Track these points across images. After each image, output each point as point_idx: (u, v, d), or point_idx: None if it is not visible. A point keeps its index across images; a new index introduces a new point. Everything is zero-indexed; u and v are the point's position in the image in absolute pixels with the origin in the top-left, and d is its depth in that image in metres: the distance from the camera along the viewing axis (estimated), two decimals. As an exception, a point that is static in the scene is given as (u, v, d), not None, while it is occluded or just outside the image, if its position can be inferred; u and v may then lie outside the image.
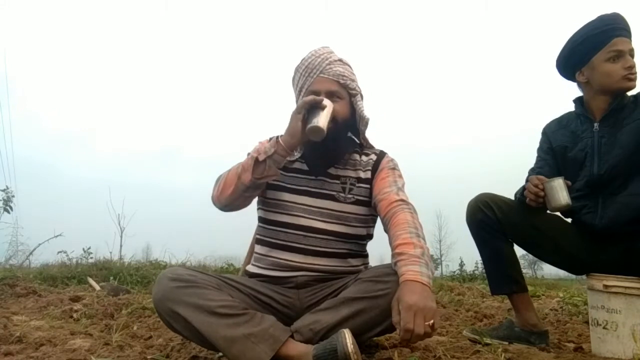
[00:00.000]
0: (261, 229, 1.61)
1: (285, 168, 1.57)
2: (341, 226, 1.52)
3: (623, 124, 1.65)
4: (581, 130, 1.74)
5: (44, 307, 2.59)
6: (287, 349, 1.27)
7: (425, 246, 1.32)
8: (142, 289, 3.73)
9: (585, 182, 1.68)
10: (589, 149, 1.70)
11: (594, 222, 1.67)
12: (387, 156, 1.62)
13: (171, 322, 1.33)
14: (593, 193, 1.68)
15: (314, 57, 1.54)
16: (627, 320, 1.47)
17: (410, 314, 1.13)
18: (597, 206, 1.67)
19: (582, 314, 2.57)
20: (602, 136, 1.68)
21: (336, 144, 1.52)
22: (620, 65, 1.63)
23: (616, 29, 1.64)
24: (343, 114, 1.53)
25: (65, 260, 5.79)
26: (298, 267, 1.48)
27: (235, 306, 1.31)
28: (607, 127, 1.68)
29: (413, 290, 1.18)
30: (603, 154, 1.66)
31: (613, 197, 1.64)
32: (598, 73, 1.66)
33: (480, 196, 1.78)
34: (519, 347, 1.62)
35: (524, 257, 25.19)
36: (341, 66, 1.55)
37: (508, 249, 1.77)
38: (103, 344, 1.62)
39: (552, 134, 1.84)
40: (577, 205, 1.72)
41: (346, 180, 1.55)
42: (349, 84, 1.54)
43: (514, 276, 1.76)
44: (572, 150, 1.75)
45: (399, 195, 1.46)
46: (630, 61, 1.64)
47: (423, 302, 1.15)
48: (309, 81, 1.53)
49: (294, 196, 1.54)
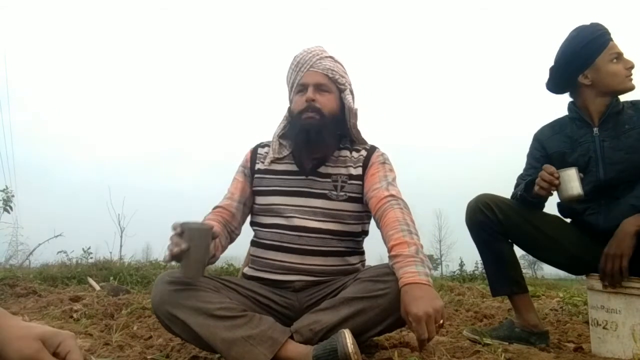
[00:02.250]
0: (256, 232, 1.61)
1: (274, 171, 1.59)
2: (336, 224, 1.52)
3: (625, 128, 1.67)
4: (579, 134, 1.74)
5: (44, 307, 2.59)
6: (287, 351, 1.27)
7: (418, 242, 1.31)
8: (142, 289, 3.73)
9: (591, 187, 1.66)
10: (592, 153, 1.69)
11: (598, 223, 1.67)
12: (378, 150, 1.62)
13: (170, 326, 1.33)
14: (598, 196, 1.68)
15: (305, 53, 1.57)
16: (627, 320, 1.47)
17: (422, 325, 1.13)
18: (601, 208, 1.68)
19: (582, 314, 2.57)
20: (604, 140, 1.68)
21: (320, 136, 1.52)
22: (622, 66, 1.68)
23: (608, 34, 1.71)
24: (330, 108, 1.54)
25: (65, 260, 5.79)
26: (295, 268, 1.48)
27: (234, 308, 1.31)
28: (607, 131, 1.69)
29: (415, 296, 1.18)
30: (607, 158, 1.66)
31: (618, 200, 1.65)
32: (603, 73, 1.69)
33: (481, 197, 1.78)
34: (519, 347, 1.62)
35: (524, 258, 25.15)
36: (331, 62, 1.58)
37: (508, 250, 1.77)
38: (103, 344, 1.62)
39: (547, 140, 1.84)
40: (580, 207, 1.72)
41: (337, 178, 1.55)
42: (338, 79, 1.56)
43: (515, 277, 1.76)
44: (571, 155, 1.74)
45: (388, 191, 1.45)
46: (631, 62, 1.69)
47: (429, 307, 1.15)
48: (300, 76, 1.55)
49: (285, 198, 1.54)
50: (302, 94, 1.56)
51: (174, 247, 1.20)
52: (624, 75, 1.68)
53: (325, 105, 1.53)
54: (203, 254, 1.24)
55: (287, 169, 1.59)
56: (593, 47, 1.70)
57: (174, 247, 1.20)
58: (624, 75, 1.68)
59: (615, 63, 1.68)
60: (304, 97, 1.53)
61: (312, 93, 1.53)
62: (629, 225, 1.52)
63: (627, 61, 1.69)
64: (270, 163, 1.60)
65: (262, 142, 1.70)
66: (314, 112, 1.52)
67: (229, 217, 1.57)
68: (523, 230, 1.73)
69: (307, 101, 1.52)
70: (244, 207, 1.61)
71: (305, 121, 1.52)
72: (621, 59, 1.69)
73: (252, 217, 1.64)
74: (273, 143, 1.62)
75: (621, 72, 1.68)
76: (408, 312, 1.17)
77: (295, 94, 1.59)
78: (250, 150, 1.68)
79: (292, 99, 1.61)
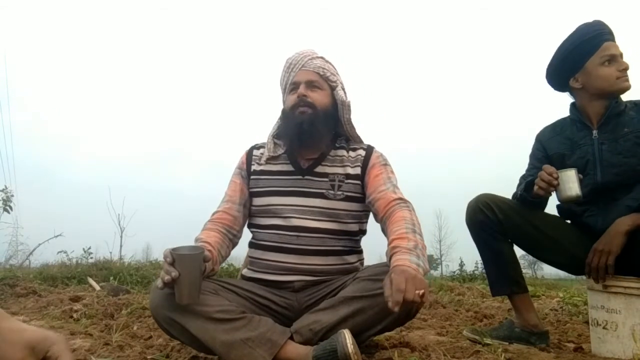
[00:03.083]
0: (254, 233, 1.61)
1: (270, 171, 1.59)
2: (334, 223, 1.52)
3: (624, 131, 1.64)
4: (579, 137, 1.73)
5: (44, 307, 2.59)
6: (286, 352, 1.27)
7: (420, 241, 1.31)
8: (142, 289, 3.73)
9: (589, 189, 1.65)
10: (590, 156, 1.68)
11: (596, 224, 1.67)
12: (376, 151, 1.62)
13: (169, 329, 1.33)
14: (596, 199, 1.68)
15: (297, 55, 1.60)
16: (627, 320, 1.47)
17: (402, 278, 1.13)
18: (599, 210, 1.68)
19: (582, 314, 2.57)
20: (602, 143, 1.67)
21: (313, 128, 1.52)
22: (614, 68, 1.65)
23: (604, 34, 1.68)
24: (322, 103, 1.56)
25: (65, 260, 5.80)
26: (293, 268, 1.48)
27: (232, 310, 1.31)
28: (606, 134, 1.67)
29: (403, 270, 1.18)
30: (605, 161, 1.65)
31: (616, 202, 1.64)
32: (593, 77, 1.67)
33: (481, 197, 1.77)
34: (519, 347, 1.62)
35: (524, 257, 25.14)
36: (322, 62, 1.60)
37: (508, 250, 1.77)
38: (103, 344, 1.62)
39: (548, 141, 1.83)
40: (578, 209, 1.72)
41: (335, 177, 1.55)
42: (329, 77, 1.58)
43: (515, 277, 1.76)
44: (570, 157, 1.73)
45: (396, 194, 1.46)
46: (624, 64, 1.66)
47: (414, 273, 1.16)
48: (292, 76, 1.57)
49: (282, 198, 1.54)
50: (294, 92, 1.57)
51: (166, 275, 1.21)
52: (615, 77, 1.64)
53: (317, 100, 1.55)
54: (195, 279, 1.24)
55: (284, 169, 1.59)
56: (583, 50, 1.68)
57: (166, 275, 1.21)
58: (615, 77, 1.64)
59: (606, 66, 1.65)
60: (296, 94, 1.55)
61: (303, 89, 1.55)
62: (621, 224, 1.53)
63: (621, 62, 1.65)
64: (266, 163, 1.60)
65: (256, 143, 1.70)
66: (306, 107, 1.53)
67: (230, 221, 1.57)
68: (523, 230, 1.73)
69: (299, 96, 1.54)
70: (244, 209, 1.61)
71: (298, 116, 1.53)
72: (615, 60, 1.65)
73: (249, 218, 1.64)
74: (268, 142, 1.63)
75: (612, 76, 1.64)
76: (391, 273, 1.16)
77: (288, 94, 1.60)
78: (246, 152, 1.68)
79: (285, 99, 1.63)
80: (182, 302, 1.24)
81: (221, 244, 1.50)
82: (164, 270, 1.24)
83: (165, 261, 1.24)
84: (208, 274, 1.39)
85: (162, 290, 1.26)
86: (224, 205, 1.59)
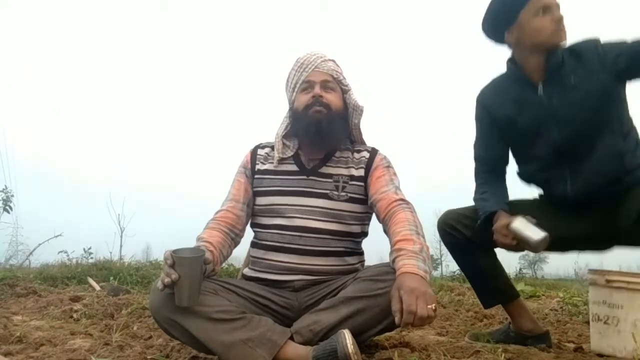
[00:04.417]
0: (256, 233, 1.61)
1: (274, 171, 1.59)
2: (337, 224, 1.52)
3: (571, 81, 1.50)
4: (524, 96, 1.58)
5: (44, 307, 2.58)
6: (286, 352, 1.27)
7: (424, 244, 1.32)
8: (142, 289, 3.72)
9: (547, 150, 1.55)
10: (541, 114, 1.54)
11: (565, 191, 1.55)
12: (380, 153, 1.62)
13: (169, 330, 1.33)
14: (558, 161, 1.56)
15: (309, 55, 1.60)
16: (629, 316, 1.48)
17: (413, 297, 1.14)
18: (565, 174, 1.55)
19: (582, 314, 2.57)
20: (551, 98, 1.53)
21: (332, 127, 1.53)
22: (549, 19, 1.50)
23: None
24: (337, 105, 1.56)
25: (65, 260, 5.78)
26: (295, 268, 1.48)
27: (232, 311, 1.31)
28: (553, 87, 1.53)
29: (412, 279, 1.19)
30: (560, 117, 1.51)
31: (581, 163, 1.51)
32: (527, 30, 1.52)
33: (445, 218, 1.73)
34: (519, 347, 1.62)
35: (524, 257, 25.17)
36: (334, 65, 1.61)
37: (485, 262, 1.73)
38: (103, 344, 1.62)
39: (492, 105, 1.67)
40: (542, 176, 1.62)
41: (339, 178, 1.55)
42: (342, 80, 1.59)
43: (498, 286, 1.74)
44: (520, 120, 1.59)
45: (397, 195, 1.47)
46: (558, 14, 1.51)
47: (424, 288, 1.17)
48: (304, 75, 1.57)
49: (286, 198, 1.54)
50: (307, 91, 1.56)
51: (165, 277, 1.22)
52: (550, 30, 1.49)
53: (331, 102, 1.55)
54: (195, 282, 1.24)
55: (288, 169, 1.59)
56: (516, 1, 1.52)
57: (165, 277, 1.22)
58: (551, 29, 1.49)
59: (541, 17, 1.50)
60: (311, 93, 1.54)
61: (319, 89, 1.54)
62: None
63: (555, 14, 1.50)
64: (278, 164, 1.60)
65: (261, 143, 1.70)
66: (322, 107, 1.52)
67: (233, 220, 1.56)
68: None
69: (315, 96, 1.53)
70: (247, 209, 1.60)
71: (313, 115, 1.52)
72: (549, 11, 1.50)
73: (252, 218, 1.63)
74: (277, 143, 1.61)
75: (547, 27, 1.49)
76: (400, 287, 1.17)
77: (299, 93, 1.58)
78: (250, 151, 1.68)
79: (294, 98, 1.60)
80: (181, 304, 1.24)
81: (223, 243, 1.50)
82: (164, 272, 1.24)
83: (165, 263, 1.24)
84: (209, 274, 1.39)
85: (162, 291, 1.27)
86: (227, 204, 1.59)
